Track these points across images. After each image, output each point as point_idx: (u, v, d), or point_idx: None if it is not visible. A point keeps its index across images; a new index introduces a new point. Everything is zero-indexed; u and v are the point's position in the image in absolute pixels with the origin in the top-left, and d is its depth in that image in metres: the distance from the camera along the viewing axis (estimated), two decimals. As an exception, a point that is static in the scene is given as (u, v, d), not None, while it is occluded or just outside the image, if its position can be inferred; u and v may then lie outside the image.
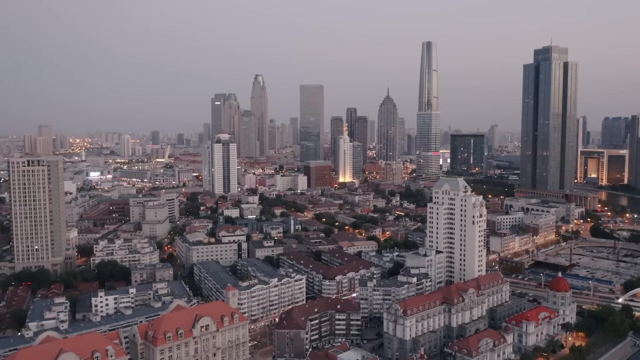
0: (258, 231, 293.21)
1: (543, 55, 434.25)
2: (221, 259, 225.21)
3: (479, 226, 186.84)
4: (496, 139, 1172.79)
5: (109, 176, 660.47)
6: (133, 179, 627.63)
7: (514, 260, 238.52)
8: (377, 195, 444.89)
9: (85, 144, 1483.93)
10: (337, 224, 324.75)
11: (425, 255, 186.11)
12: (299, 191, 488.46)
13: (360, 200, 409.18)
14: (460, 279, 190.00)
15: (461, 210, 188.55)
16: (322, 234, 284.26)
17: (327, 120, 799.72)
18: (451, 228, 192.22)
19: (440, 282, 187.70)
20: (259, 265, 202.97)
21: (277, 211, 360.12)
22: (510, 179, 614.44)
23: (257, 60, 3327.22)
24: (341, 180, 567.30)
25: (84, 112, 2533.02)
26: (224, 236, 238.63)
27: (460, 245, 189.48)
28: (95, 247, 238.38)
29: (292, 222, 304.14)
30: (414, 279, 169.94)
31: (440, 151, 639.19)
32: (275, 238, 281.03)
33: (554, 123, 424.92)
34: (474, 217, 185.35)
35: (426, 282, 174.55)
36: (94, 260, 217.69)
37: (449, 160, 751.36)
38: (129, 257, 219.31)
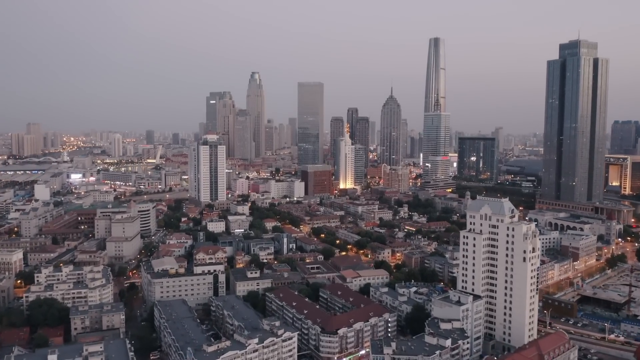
0: (244, 252, 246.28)
1: (570, 50, 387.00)
2: (192, 295, 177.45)
3: (532, 264, 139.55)
4: (501, 143, 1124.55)
5: (92, 178, 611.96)
6: (117, 182, 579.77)
7: (561, 299, 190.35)
8: (382, 205, 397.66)
9: (79, 142, 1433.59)
10: (338, 242, 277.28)
11: (459, 302, 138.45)
12: (295, 199, 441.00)
13: (364, 211, 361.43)
14: (504, 333, 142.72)
15: (507, 242, 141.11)
16: (321, 256, 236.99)
17: (327, 120, 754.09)
18: (492, 265, 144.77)
19: (477, 339, 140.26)
20: (238, 308, 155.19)
21: (269, 225, 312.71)
22: (524, 186, 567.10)
23: (256, 61, 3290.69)
24: (342, 186, 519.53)
25: (81, 113, 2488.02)
26: (197, 264, 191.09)
27: (506, 289, 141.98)
28: (37, 277, 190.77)
29: (285, 240, 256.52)
30: (448, 342, 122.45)
31: (449, 155, 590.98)
32: (265, 261, 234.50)
33: (582, 126, 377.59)
34: (525, 252, 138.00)
35: (463, 344, 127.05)
36: (27, 297, 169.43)
37: (455, 164, 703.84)
38: (73, 294, 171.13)
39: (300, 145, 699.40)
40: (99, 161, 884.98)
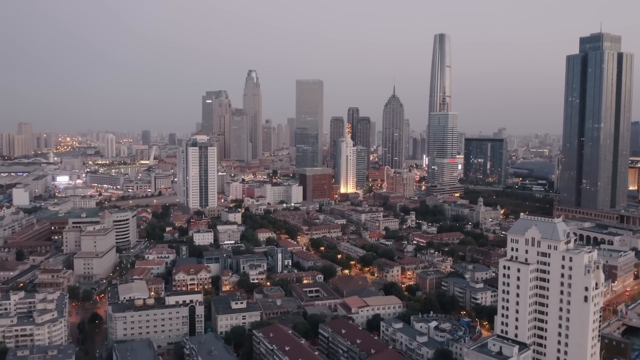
0: (232, 271, 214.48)
1: (592, 44, 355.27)
2: (163, 332, 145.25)
3: (594, 304, 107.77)
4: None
5: (79, 181, 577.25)
6: (104, 185, 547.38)
7: (611, 334, 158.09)
8: (386, 212, 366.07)
9: (74, 143, 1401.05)
10: (340, 256, 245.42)
11: (500, 354, 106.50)
12: (292, 204, 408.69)
13: (367, 219, 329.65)
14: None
15: (562, 275, 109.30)
16: (320, 276, 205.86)
17: (327, 120, 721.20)
18: (542, 304, 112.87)
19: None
20: (217, 354, 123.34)
21: (263, 236, 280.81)
22: (536, 190, 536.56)
23: (255, 60, 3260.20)
24: (342, 190, 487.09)
25: (79, 112, 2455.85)
26: (171, 294, 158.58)
27: (560, 335, 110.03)
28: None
29: (279, 256, 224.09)
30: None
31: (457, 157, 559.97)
32: (255, 281, 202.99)
33: (605, 127, 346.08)
34: (587, 289, 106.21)
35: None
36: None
37: (460, 166, 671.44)
38: (16, 331, 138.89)
39: (299, 147, 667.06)
40: (90, 162, 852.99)
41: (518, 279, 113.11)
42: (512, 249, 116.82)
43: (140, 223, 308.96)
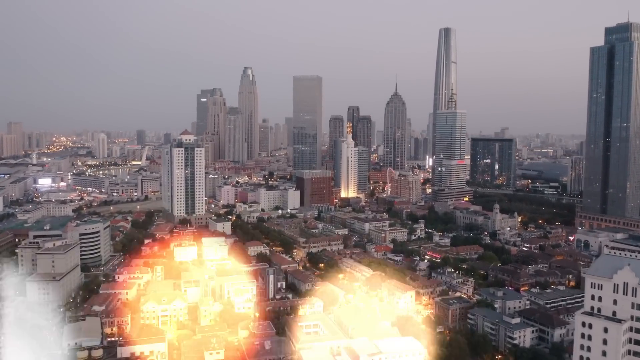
0: (213, 298, 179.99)
1: (619, 35, 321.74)
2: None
3: None
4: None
5: (63, 184, 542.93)
6: (88, 189, 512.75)
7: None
8: (392, 219, 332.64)
9: (68, 143, 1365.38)
10: (342, 276, 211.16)
11: None
12: (288, 211, 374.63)
13: (372, 229, 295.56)
14: None
15: (673, 340, 75.29)
16: (320, 303, 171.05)
17: (325, 119, 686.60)
18: (639, 379, 78.92)
19: None
20: None
21: (254, 250, 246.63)
22: (548, 194, 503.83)
23: (251, 59, 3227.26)
24: (343, 195, 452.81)
25: (75, 114, 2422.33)
26: (122, 344, 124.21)
27: None
28: None
29: (271, 278, 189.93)
30: None
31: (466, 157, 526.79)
32: (242, 311, 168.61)
33: (635, 126, 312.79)
34: None
35: None
36: None
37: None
38: None
39: (296, 147, 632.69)
40: (79, 163, 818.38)
41: (604, 342, 79.11)
42: (594, 298, 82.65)
43: (116, 234, 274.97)
